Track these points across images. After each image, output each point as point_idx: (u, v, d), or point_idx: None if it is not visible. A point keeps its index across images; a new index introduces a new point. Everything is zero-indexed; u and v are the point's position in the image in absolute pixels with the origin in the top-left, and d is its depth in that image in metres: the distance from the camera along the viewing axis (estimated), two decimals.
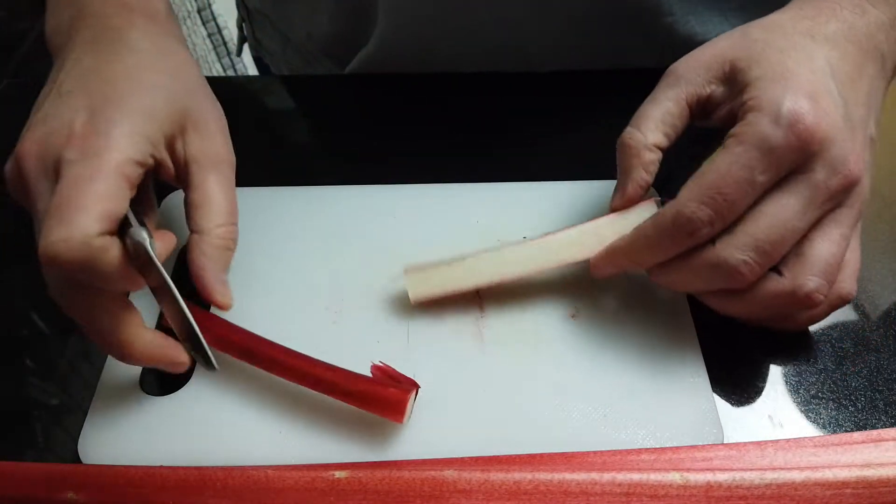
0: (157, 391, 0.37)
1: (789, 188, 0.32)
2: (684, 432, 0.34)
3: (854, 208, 0.33)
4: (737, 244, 0.32)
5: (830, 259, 0.33)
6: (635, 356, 0.37)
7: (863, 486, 0.30)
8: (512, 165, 0.47)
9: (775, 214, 0.32)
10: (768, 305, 0.34)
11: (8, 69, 0.65)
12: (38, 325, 0.42)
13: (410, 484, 0.31)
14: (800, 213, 0.32)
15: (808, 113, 0.31)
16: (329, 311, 0.40)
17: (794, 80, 0.32)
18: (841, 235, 0.33)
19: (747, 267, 0.32)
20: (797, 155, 0.31)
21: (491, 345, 0.38)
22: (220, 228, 0.35)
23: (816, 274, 0.32)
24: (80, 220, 0.28)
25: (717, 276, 0.33)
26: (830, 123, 0.32)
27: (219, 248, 0.35)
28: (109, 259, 0.29)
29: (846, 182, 0.32)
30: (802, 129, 0.31)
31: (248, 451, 0.34)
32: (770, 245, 0.32)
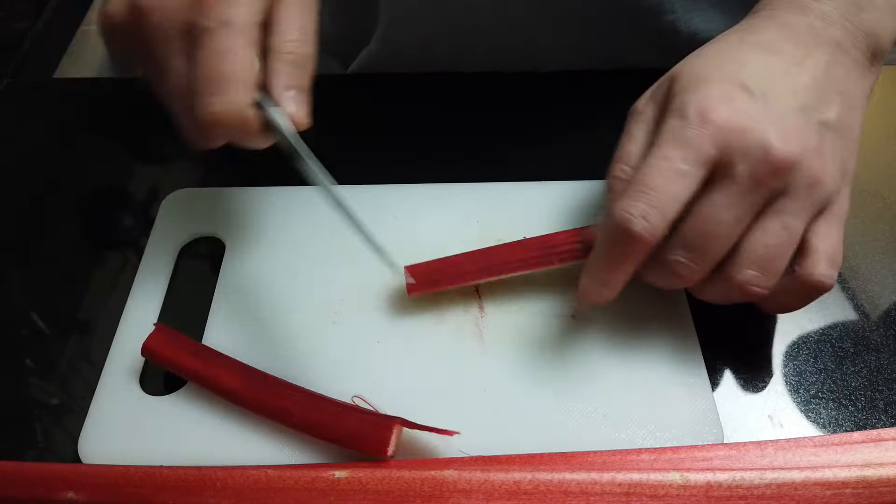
0: (158, 390, 0.37)
1: (715, 185, 0.33)
2: (684, 432, 0.34)
3: (801, 195, 0.33)
4: (671, 244, 0.33)
5: (762, 250, 0.33)
6: (635, 356, 0.37)
7: (863, 486, 0.30)
8: (512, 165, 0.47)
9: (701, 211, 0.32)
10: (718, 293, 0.35)
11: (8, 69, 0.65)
12: (38, 325, 0.42)
13: (410, 484, 0.31)
14: (725, 207, 0.32)
15: (713, 107, 0.32)
16: (329, 312, 0.40)
17: (706, 83, 0.33)
18: (782, 225, 0.33)
19: (681, 266, 0.33)
20: (708, 143, 0.32)
21: (491, 345, 0.38)
22: (290, 43, 0.35)
23: (747, 265, 0.33)
24: (236, 92, 0.32)
25: (666, 276, 0.34)
26: (741, 115, 0.32)
27: (287, 62, 0.34)
28: (255, 122, 0.34)
29: (772, 168, 0.32)
30: (707, 119, 0.32)
31: (247, 451, 0.34)
32: (700, 241, 0.32)
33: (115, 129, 0.54)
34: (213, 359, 0.36)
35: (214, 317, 0.39)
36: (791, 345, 0.39)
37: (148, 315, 0.40)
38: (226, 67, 0.32)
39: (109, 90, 0.59)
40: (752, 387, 0.37)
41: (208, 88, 0.32)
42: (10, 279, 0.44)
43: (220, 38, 0.32)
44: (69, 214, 0.48)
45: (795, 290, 0.34)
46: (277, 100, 0.34)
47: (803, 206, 0.33)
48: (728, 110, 0.32)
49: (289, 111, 0.34)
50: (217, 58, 0.32)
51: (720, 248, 0.33)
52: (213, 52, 0.32)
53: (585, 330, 0.38)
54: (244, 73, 0.33)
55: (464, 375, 0.37)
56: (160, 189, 0.48)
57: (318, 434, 0.34)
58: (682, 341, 0.38)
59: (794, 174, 0.32)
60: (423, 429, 0.33)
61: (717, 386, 0.37)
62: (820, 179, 0.33)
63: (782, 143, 0.32)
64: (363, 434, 0.33)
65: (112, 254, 0.45)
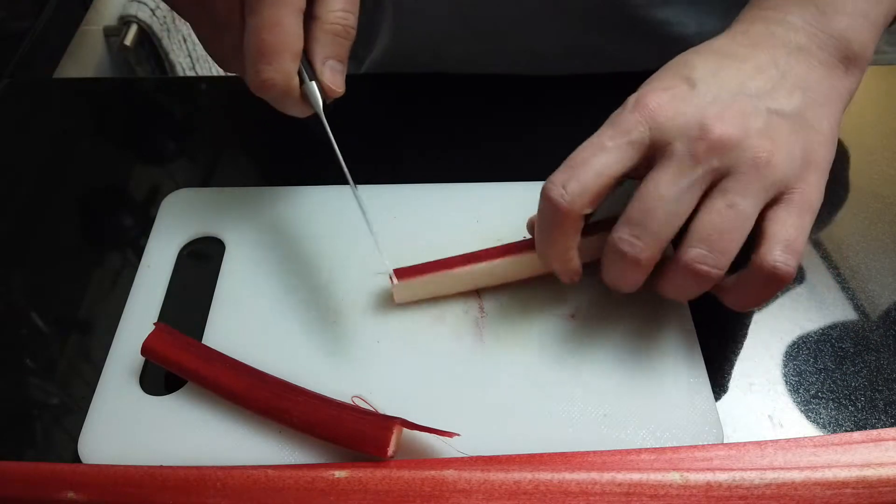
0: (158, 390, 0.37)
1: (655, 164, 0.33)
2: (684, 432, 0.34)
3: (746, 175, 0.32)
4: (618, 224, 0.33)
5: (709, 227, 0.32)
6: (635, 356, 0.37)
7: (863, 486, 0.30)
8: (511, 165, 0.47)
9: (644, 190, 0.33)
10: (675, 285, 0.34)
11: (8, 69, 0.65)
12: (38, 325, 0.42)
13: (410, 484, 0.31)
14: (667, 184, 0.32)
15: (648, 95, 0.34)
16: (329, 311, 0.40)
17: (651, 80, 0.35)
18: (727, 203, 0.32)
19: (627, 244, 0.33)
20: (640, 125, 0.33)
21: (491, 345, 0.38)
22: (335, 13, 0.36)
23: (694, 243, 0.32)
24: (284, 62, 0.35)
25: (615, 260, 0.34)
26: (678, 100, 0.33)
27: (331, 32, 0.36)
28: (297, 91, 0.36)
29: (709, 144, 0.32)
30: (642, 106, 0.33)
31: (247, 451, 0.34)
32: (640, 216, 0.33)
33: (115, 129, 0.54)
34: (213, 359, 0.36)
35: (214, 317, 0.40)
36: (791, 345, 0.39)
37: (148, 315, 0.40)
38: (274, 38, 0.34)
39: (109, 90, 0.59)
40: (752, 387, 0.37)
41: (258, 56, 0.35)
42: (10, 279, 0.44)
43: (271, 9, 0.34)
44: (69, 214, 0.48)
45: (752, 280, 0.33)
46: (317, 68, 0.37)
47: (749, 186, 0.32)
48: (664, 96, 0.34)
49: (325, 79, 0.37)
50: (267, 29, 0.34)
51: (663, 225, 0.33)
52: (264, 23, 0.34)
53: (585, 330, 0.38)
54: (291, 44, 0.35)
55: (464, 375, 0.37)
56: (160, 189, 0.48)
57: (317, 434, 0.34)
58: (682, 341, 0.38)
59: (737, 153, 0.33)
60: (423, 430, 0.33)
61: (717, 386, 0.37)
62: (768, 161, 0.33)
63: (719, 121, 0.33)
64: (363, 434, 0.33)
65: (112, 254, 0.45)
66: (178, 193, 0.46)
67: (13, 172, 0.50)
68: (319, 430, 0.33)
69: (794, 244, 0.33)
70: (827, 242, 0.44)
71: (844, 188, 0.47)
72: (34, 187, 0.49)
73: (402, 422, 0.33)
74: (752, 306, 0.36)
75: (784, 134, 0.33)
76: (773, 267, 0.32)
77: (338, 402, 0.34)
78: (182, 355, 0.36)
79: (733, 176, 0.33)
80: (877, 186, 0.47)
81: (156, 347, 0.36)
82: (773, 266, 0.32)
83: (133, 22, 1.05)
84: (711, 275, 0.33)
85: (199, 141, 0.52)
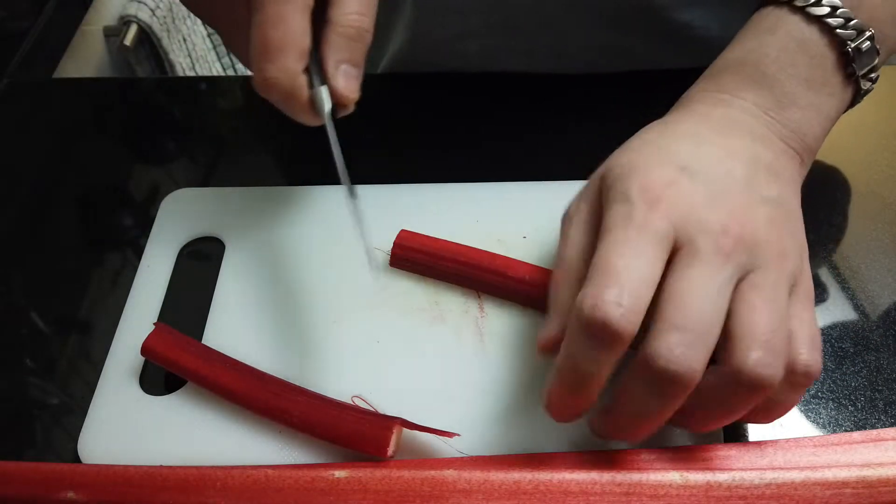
0: (158, 390, 0.37)
1: (680, 264, 0.30)
2: (684, 432, 0.34)
3: (772, 266, 0.30)
4: (655, 335, 0.28)
5: (762, 327, 0.29)
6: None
7: (863, 486, 0.30)
8: (512, 165, 0.47)
9: (678, 290, 0.29)
10: (723, 404, 0.30)
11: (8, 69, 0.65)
12: (38, 324, 0.42)
13: (410, 484, 0.31)
14: (703, 281, 0.29)
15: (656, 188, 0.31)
16: (329, 311, 0.40)
17: (644, 168, 0.32)
18: (766, 300, 0.29)
19: (677, 352, 0.28)
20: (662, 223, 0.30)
21: (491, 345, 0.38)
22: (349, 17, 0.34)
23: (752, 347, 0.28)
24: (288, 60, 0.33)
25: (658, 380, 0.28)
26: (685, 193, 0.31)
27: (344, 35, 0.34)
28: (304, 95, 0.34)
29: (733, 239, 0.30)
30: (655, 203, 0.30)
31: (247, 451, 0.34)
32: (685, 319, 0.28)
33: (115, 129, 0.54)
34: (213, 359, 0.36)
35: (214, 317, 0.40)
36: None
37: (148, 315, 0.40)
38: (278, 34, 0.33)
39: (109, 90, 0.59)
40: None
41: (261, 53, 0.33)
42: (10, 279, 0.44)
43: (275, 4, 0.33)
44: (69, 214, 0.48)
45: (785, 386, 0.30)
46: (329, 73, 0.34)
47: (779, 279, 0.30)
48: (674, 190, 0.31)
49: (338, 85, 0.34)
50: (271, 24, 0.33)
51: (711, 326, 0.28)
52: (268, 18, 0.33)
53: None
54: (296, 41, 0.33)
55: (464, 375, 0.37)
56: (160, 189, 0.48)
57: (317, 434, 0.34)
58: None
59: (760, 247, 0.30)
60: (423, 430, 0.33)
61: None
62: (785, 250, 0.31)
63: (733, 218, 0.30)
64: (363, 434, 0.33)
65: (112, 254, 0.45)
66: (178, 193, 0.46)
67: (13, 172, 0.50)
68: (319, 430, 0.33)
69: (817, 339, 0.31)
70: (827, 242, 0.44)
71: (844, 188, 0.47)
72: (34, 187, 0.49)
73: (401, 422, 0.33)
74: (783, 414, 0.32)
75: (782, 223, 0.32)
76: (806, 366, 0.30)
77: (338, 401, 0.34)
78: (182, 355, 0.36)
79: (760, 272, 0.30)
80: (877, 186, 0.47)
81: (156, 347, 0.36)
82: (807, 365, 0.30)
83: (133, 22, 1.05)
84: (775, 379, 0.28)
85: (199, 141, 0.52)
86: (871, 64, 0.36)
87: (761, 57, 0.35)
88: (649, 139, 0.34)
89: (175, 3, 1.13)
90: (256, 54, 0.33)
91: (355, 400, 0.36)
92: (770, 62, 0.35)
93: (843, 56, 0.35)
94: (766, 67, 0.35)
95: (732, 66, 0.36)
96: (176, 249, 0.43)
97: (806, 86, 0.35)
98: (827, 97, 0.36)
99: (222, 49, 1.29)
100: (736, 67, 0.36)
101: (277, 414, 0.34)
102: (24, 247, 0.46)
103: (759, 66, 0.35)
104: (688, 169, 0.32)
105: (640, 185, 0.31)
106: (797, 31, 0.35)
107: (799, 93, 0.35)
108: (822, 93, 0.35)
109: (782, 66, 0.35)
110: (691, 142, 0.33)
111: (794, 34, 0.35)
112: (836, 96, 0.36)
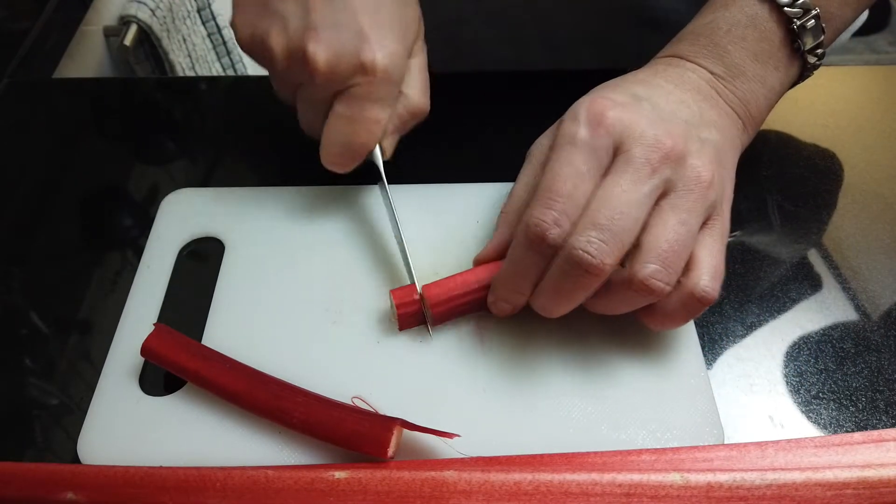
0: (157, 391, 0.37)
1: (613, 169, 0.34)
2: (685, 433, 0.34)
3: (692, 192, 0.34)
4: (579, 230, 0.33)
5: (665, 245, 0.33)
6: (635, 356, 0.37)
7: (863, 487, 0.30)
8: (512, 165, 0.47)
9: (605, 193, 0.33)
10: (621, 300, 0.34)
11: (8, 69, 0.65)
12: (38, 325, 0.42)
13: (410, 484, 0.31)
14: (627, 186, 0.33)
15: (605, 107, 0.34)
16: (329, 312, 0.39)
17: (596, 95, 0.36)
18: (678, 221, 0.33)
19: (592, 246, 0.32)
20: (603, 139, 0.34)
21: (491, 345, 0.38)
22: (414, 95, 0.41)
23: (650, 260, 0.33)
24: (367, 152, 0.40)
25: (573, 268, 0.33)
26: (631, 112, 0.34)
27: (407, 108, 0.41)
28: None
29: (663, 153, 0.33)
30: (600, 118, 0.34)
31: (247, 452, 0.34)
32: (607, 220, 0.32)
33: (115, 129, 0.54)
34: (213, 359, 0.36)
35: (214, 317, 0.39)
36: (792, 345, 0.39)
37: (147, 315, 0.40)
38: (369, 137, 0.38)
39: (109, 90, 0.59)
40: (752, 387, 0.37)
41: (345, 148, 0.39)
42: (9, 279, 0.44)
43: (375, 109, 0.38)
44: (69, 214, 0.48)
45: (679, 302, 0.34)
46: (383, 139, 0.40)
47: (696, 205, 0.34)
48: (621, 109, 0.34)
49: (384, 146, 0.41)
50: (365, 126, 0.38)
51: (628, 230, 0.33)
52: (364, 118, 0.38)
53: (586, 330, 0.38)
54: (377, 140, 0.39)
55: (464, 375, 0.37)
56: (160, 189, 0.48)
57: (317, 435, 0.34)
58: (683, 341, 0.38)
59: (684, 169, 0.34)
60: (423, 430, 0.33)
61: (718, 386, 0.37)
62: (708, 180, 0.34)
63: (668, 135, 0.34)
64: (363, 435, 0.32)
65: (111, 254, 0.45)
66: (178, 193, 0.46)
67: (13, 172, 0.50)
68: (319, 430, 0.33)
69: (719, 271, 0.34)
70: (827, 242, 0.44)
71: (845, 188, 0.47)
72: (34, 187, 0.49)
73: (402, 422, 0.33)
74: (673, 327, 0.37)
75: (712, 161, 0.35)
76: (703, 293, 0.33)
77: (338, 402, 0.34)
78: (181, 356, 0.36)
79: (680, 192, 0.34)
80: (877, 186, 0.47)
81: (155, 348, 0.36)
82: (703, 292, 0.33)
83: (133, 22, 1.05)
84: (664, 292, 0.33)
85: (199, 141, 0.52)
86: (817, 41, 0.39)
87: (715, 29, 0.39)
88: (609, 84, 0.38)
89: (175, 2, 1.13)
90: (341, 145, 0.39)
91: (355, 401, 0.36)
92: (722, 34, 0.38)
93: (790, 33, 0.38)
94: (718, 39, 0.38)
95: (690, 37, 0.40)
96: (175, 250, 0.43)
97: (753, 58, 0.38)
98: (773, 70, 0.39)
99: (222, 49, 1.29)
100: (693, 38, 0.39)
101: (277, 415, 0.34)
102: (23, 246, 0.46)
103: (712, 37, 0.39)
104: (638, 96, 0.36)
105: (590, 105, 0.35)
106: (749, 7, 0.38)
107: (747, 64, 0.38)
108: (768, 65, 0.39)
109: (733, 38, 0.38)
110: (645, 84, 0.37)
111: (746, 10, 0.38)
112: (781, 70, 0.39)
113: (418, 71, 0.41)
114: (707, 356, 0.38)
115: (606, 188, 0.33)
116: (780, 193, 0.46)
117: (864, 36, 1.68)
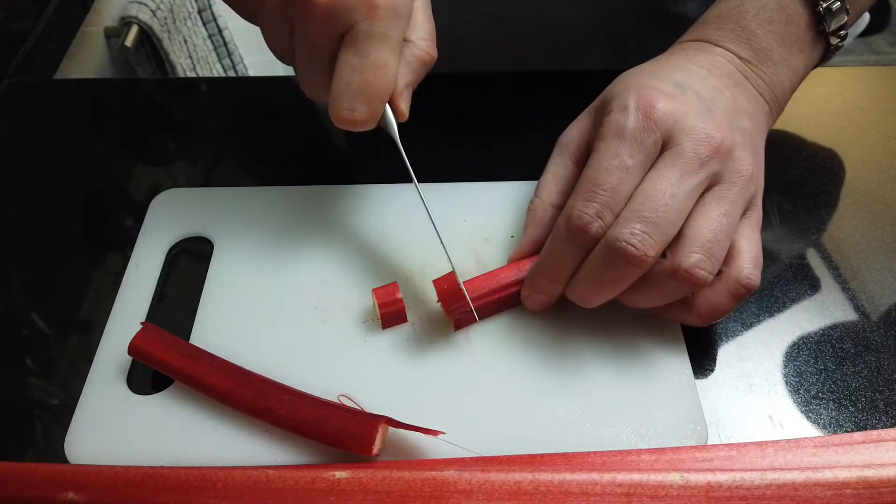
0: (145, 389, 0.37)
1: (661, 162, 0.34)
2: (669, 430, 0.34)
3: (735, 185, 0.34)
4: (623, 221, 0.33)
5: (709, 235, 0.33)
6: (622, 355, 0.37)
7: (863, 487, 0.30)
8: (499, 165, 0.47)
9: (652, 186, 0.33)
10: (661, 290, 0.34)
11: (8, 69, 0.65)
12: (38, 325, 0.42)
13: (410, 484, 0.31)
14: (675, 181, 0.33)
15: (654, 98, 0.34)
16: (317, 311, 0.39)
17: (641, 84, 0.36)
18: (722, 213, 0.34)
19: (636, 238, 0.32)
20: (653, 133, 0.34)
21: (479, 344, 0.38)
22: (423, 42, 0.37)
23: (695, 250, 0.33)
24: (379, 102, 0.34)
25: (615, 259, 0.33)
26: (679, 103, 0.34)
27: (417, 57, 0.36)
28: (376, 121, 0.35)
29: (712, 148, 0.34)
30: (650, 110, 0.34)
31: (234, 450, 0.34)
32: (652, 213, 0.33)
33: (115, 130, 0.54)
34: (200, 358, 0.36)
35: (202, 316, 0.39)
36: (791, 345, 0.39)
37: (136, 314, 0.40)
38: (379, 81, 0.34)
39: (109, 90, 0.59)
40: (752, 387, 0.37)
41: (356, 96, 0.33)
42: (10, 279, 0.44)
43: (380, 51, 0.33)
44: (70, 215, 0.48)
45: (725, 291, 0.35)
46: (397, 92, 0.36)
47: (738, 197, 0.34)
48: (670, 101, 0.34)
49: (403, 107, 0.36)
50: (372, 70, 0.33)
51: (672, 222, 0.33)
52: (371, 63, 0.33)
53: (573, 329, 0.38)
54: (392, 86, 0.34)
55: (451, 375, 0.37)
56: (160, 189, 0.48)
57: (303, 433, 0.34)
58: (668, 341, 0.38)
59: (731, 162, 0.34)
60: (408, 428, 0.33)
61: (718, 386, 0.37)
62: (750, 172, 0.35)
63: (718, 130, 0.34)
64: (348, 432, 0.33)
65: (112, 254, 0.45)
66: (167, 193, 0.46)
67: (13, 173, 0.50)
68: (305, 428, 0.33)
69: (759, 259, 0.35)
70: (827, 243, 0.44)
71: (845, 188, 0.47)
72: (35, 188, 0.49)
73: (387, 420, 0.33)
74: (716, 319, 0.36)
75: (752, 153, 0.35)
76: (748, 280, 0.34)
77: (324, 400, 0.34)
78: (169, 354, 0.36)
79: (725, 185, 0.34)
80: (877, 186, 0.47)
81: (142, 347, 0.36)
82: (749, 279, 0.34)
83: (134, 23, 1.05)
84: (707, 281, 0.33)
85: (200, 142, 0.52)
86: (841, 23, 0.39)
87: (742, 13, 0.39)
88: (643, 69, 0.38)
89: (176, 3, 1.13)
90: (351, 95, 0.33)
91: (342, 399, 0.36)
92: (750, 18, 0.39)
93: (816, 15, 0.38)
94: (746, 23, 0.39)
95: (716, 21, 0.40)
96: (165, 249, 0.43)
97: (780, 42, 0.38)
98: (798, 53, 0.39)
99: (223, 50, 1.29)
100: (719, 22, 0.39)
101: (264, 413, 0.34)
102: (24, 247, 0.46)
103: (740, 21, 0.39)
104: (681, 85, 0.36)
105: (639, 96, 0.35)
106: None
107: (774, 48, 0.38)
108: (793, 49, 0.39)
109: (761, 22, 0.38)
110: (681, 70, 0.37)
111: None
112: (805, 53, 0.39)
113: (422, 13, 0.38)
114: (707, 356, 0.38)
115: (653, 181, 0.33)
116: (780, 193, 0.46)
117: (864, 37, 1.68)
